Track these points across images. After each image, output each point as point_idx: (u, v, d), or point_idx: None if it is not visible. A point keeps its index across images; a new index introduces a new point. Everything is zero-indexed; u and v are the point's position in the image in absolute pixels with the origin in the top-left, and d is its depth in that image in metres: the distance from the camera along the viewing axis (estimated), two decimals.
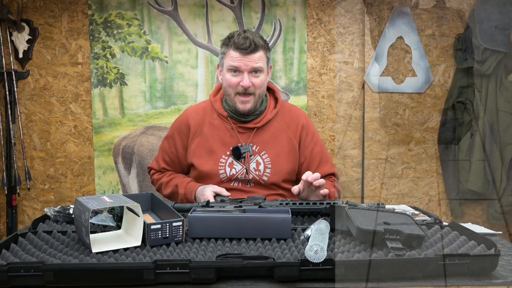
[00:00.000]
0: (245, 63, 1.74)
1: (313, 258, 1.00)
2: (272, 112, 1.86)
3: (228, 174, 1.82)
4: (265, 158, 1.84)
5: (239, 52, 1.73)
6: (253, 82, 1.75)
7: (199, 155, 1.84)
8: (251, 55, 1.74)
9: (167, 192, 1.90)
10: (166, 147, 1.95)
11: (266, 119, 1.84)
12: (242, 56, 1.73)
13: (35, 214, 2.55)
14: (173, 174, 1.94)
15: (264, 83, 1.82)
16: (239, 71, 1.75)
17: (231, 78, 1.77)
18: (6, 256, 1.08)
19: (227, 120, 1.84)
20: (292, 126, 1.87)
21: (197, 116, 1.89)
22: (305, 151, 1.88)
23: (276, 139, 1.85)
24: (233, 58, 1.75)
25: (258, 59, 1.75)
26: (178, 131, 1.92)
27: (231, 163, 1.82)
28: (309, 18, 2.49)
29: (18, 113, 2.47)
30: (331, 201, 1.51)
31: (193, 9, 2.48)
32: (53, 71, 2.49)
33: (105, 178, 2.53)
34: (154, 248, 1.15)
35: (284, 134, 1.86)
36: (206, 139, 1.84)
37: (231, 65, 1.75)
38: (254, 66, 1.74)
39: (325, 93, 2.52)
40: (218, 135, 1.84)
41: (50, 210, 1.46)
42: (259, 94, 1.79)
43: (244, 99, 1.76)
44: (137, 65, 2.48)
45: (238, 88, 1.76)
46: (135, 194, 1.43)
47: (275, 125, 1.86)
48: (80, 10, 2.46)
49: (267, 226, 1.22)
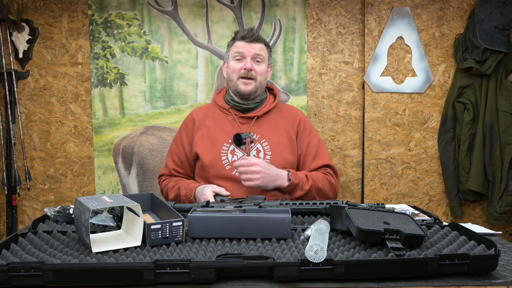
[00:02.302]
0: (248, 50, 1.92)
1: (313, 258, 1.00)
2: (272, 104, 1.99)
3: (229, 161, 1.89)
4: (265, 146, 1.91)
5: (244, 41, 1.93)
6: (255, 68, 1.92)
7: (202, 144, 1.94)
8: (254, 44, 1.93)
9: (172, 196, 1.92)
10: (174, 148, 2.03)
11: (266, 109, 1.97)
12: (246, 43, 1.93)
13: (35, 214, 2.55)
14: (179, 179, 1.96)
15: (265, 73, 1.98)
16: (243, 57, 1.92)
17: (235, 64, 1.94)
18: (6, 256, 1.08)
19: (229, 113, 1.97)
20: (290, 119, 1.99)
21: (201, 113, 2.02)
22: (301, 144, 1.96)
23: (275, 129, 1.95)
24: (238, 47, 1.94)
25: (260, 48, 1.95)
26: (185, 129, 2.02)
27: (233, 151, 1.90)
28: (309, 18, 2.49)
29: (18, 113, 2.47)
30: (331, 201, 1.51)
31: (193, 9, 2.48)
32: (53, 71, 2.49)
33: (105, 178, 2.53)
34: (154, 248, 1.15)
35: (282, 126, 1.97)
36: (209, 131, 1.95)
37: (235, 52, 1.94)
38: (257, 53, 1.92)
39: (325, 93, 2.52)
40: (220, 126, 1.96)
41: (50, 210, 1.46)
42: (260, 81, 1.94)
43: (246, 81, 1.92)
44: (137, 65, 2.49)
45: (241, 72, 1.92)
46: (135, 194, 1.43)
47: (274, 117, 1.98)
48: (80, 10, 2.46)
49: (267, 226, 1.22)
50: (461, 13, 2.47)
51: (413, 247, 1.12)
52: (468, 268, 1.03)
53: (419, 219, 1.45)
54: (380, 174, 2.52)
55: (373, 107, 2.49)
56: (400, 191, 2.54)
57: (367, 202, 2.18)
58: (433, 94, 2.50)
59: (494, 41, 2.32)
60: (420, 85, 2.49)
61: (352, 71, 2.52)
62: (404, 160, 2.52)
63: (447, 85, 2.50)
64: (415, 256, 1.06)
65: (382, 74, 2.48)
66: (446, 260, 1.03)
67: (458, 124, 2.47)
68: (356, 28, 2.51)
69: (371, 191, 2.53)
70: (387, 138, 2.51)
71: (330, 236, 1.24)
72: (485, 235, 1.32)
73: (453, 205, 2.49)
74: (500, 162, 2.39)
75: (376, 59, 2.47)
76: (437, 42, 2.48)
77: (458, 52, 2.44)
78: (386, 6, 2.46)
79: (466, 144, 2.44)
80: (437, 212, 2.56)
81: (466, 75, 2.44)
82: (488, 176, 2.42)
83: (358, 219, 1.15)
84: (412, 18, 2.46)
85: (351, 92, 2.53)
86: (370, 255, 1.07)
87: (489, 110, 2.40)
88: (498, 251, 1.06)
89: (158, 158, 2.52)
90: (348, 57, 2.52)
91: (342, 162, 2.55)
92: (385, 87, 2.48)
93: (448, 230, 1.29)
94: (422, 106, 2.50)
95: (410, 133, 2.51)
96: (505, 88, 2.40)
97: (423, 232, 1.14)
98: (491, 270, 1.05)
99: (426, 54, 2.48)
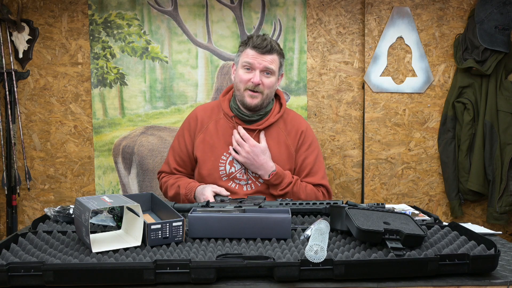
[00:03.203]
0: (259, 61, 1.83)
1: (313, 258, 1.00)
2: (276, 116, 1.93)
3: (227, 172, 1.87)
4: None
5: (255, 50, 1.83)
6: (263, 81, 1.84)
7: (202, 150, 1.91)
8: (266, 56, 1.83)
9: (171, 194, 1.91)
10: (176, 146, 2.00)
11: (269, 122, 1.90)
12: (257, 54, 1.83)
13: (35, 214, 2.55)
14: (179, 177, 1.95)
15: (273, 85, 1.90)
16: (252, 69, 1.84)
17: (243, 74, 1.86)
18: (6, 256, 1.08)
19: (232, 120, 1.91)
20: (292, 132, 1.93)
21: (205, 114, 1.97)
22: (298, 158, 1.93)
23: (276, 143, 1.91)
24: (248, 56, 1.84)
25: (271, 60, 1.85)
26: (188, 127, 1.98)
27: (231, 161, 1.88)
28: (309, 18, 2.49)
29: (18, 113, 2.47)
30: (331, 201, 1.51)
31: (193, 9, 2.48)
32: (53, 71, 2.49)
33: (105, 178, 2.53)
34: (154, 248, 1.15)
35: (283, 140, 1.92)
36: (210, 136, 1.91)
37: (245, 61, 1.85)
38: (267, 66, 1.83)
39: (325, 93, 2.52)
40: (222, 133, 1.91)
41: (50, 210, 1.46)
42: (267, 94, 1.87)
43: (253, 94, 1.84)
44: (137, 65, 2.48)
45: (248, 84, 1.84)
46: (135, 194, 1.43)
47: (276, 130, 1.93)
48: (80, 10, 2.46)
49: (267, 226, 1.22)
50: (461, 13, 2.47)
51: (413, 247, 1.12)
52: (468, 268, 1.03)
53: (419, 219, 1.45)
54: (380, 174, 2.52)
55: (373, 107, 2.49)
56: (400, 191, 2.54)
57: (367, 202, 2.18)
58: (433, 94, 2.50)
59: (494, 41, 2.32)
60: (420, 85, 2.49)
61: (352, 71, 2.52)
62: (404, 160, 2.52)
63: (447, 85, 2.50)
64: (415, 256, 1.06)
65: (382, 74, 2.48)
66: (446, 260, 1.03)
67: (458, 124, 2.47)
68: (356, 28, 2.51)
69: (371, 191, 2.53)
70: (387, 138, 2.51)
71: (330, 236, 1.24)
72: (485, 235, 1.32)
73: (453, 205, 2.49)
74: (500, 162, 2.39)
75: (376, 59, 2.47)
76: (437, 42, 2.48)
77: (458, 52, 2.44)
78: (386, 6, 2.46)
79: (466, 144, 2.44)
80: (437, 212, 2.56)
81: (466, 75, 2.43)
82: (488, 176, 2.42)
83: (358, 219, 1.15)
84: (412, 18, 2.46)
85: (351, 92, 2.53)
86: (370, 255, 1.07)
87: (489, 110, 2.40)
88: (498, 251, 1.06)
89: (158, 158, 2.52)
90: (348, 57, 2.52)
91: (342, 162, 2.55)
92: (385, 87, 2.48)
93: (448, 230, 1.29)
94: (422, 106, 2.50)
95: (410, 133, 2.51)
96: (505, 88, 2.40)
97: (423, 232, 1.14)
98: (491, 270, 1.05)
99: (426, 54, 2.48)
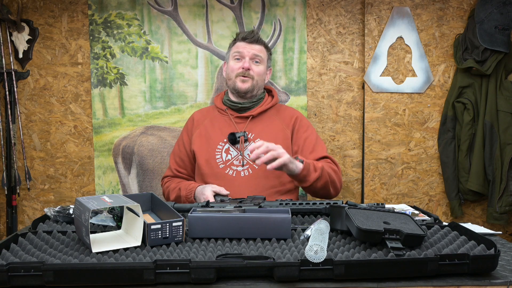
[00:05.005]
0: (248, 50, 1.99)
1: (313, 258, 1.00)
2: (268, 104, 2.04)
3: (224, 159, 1.94)
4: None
5: (244, 41, 2.00)
6: (252, 68, 1.99)
7: (199, 143, 2.00)
8: (254, 45, 2.00)
9: (173, 197, 1.94)
10: (176, 149, 2.10)
11: (261, 109, 2.02)
12: (246, 44, 2.00)
13: (35, 214, 2.55)
14: (180, 181, 1.99)
15: (263, 74, 2.04)
16: (242, 57, 1.99)
17: (234, 64, 2.01)
18: (6, 256, 1.08)
19: (226, 113, 2.03)
20: (286, 118, 2.03)
21: (201, 114, 2.11)
22: (298, 139, 1.98)
23: (270, 128, 1.99)
24: (238, 46, 2.01)
25: (260, 49, 2.01)
26: (185, 130, 2.10)
27: (227, 149, 1.96)
28: (309, 18, 2.49)
29: (18, 113, 2.47)
30: (331, 201, 1.51)
31: (193, 9, 2.48)
32: (53, 71, 2.49)
33: (105, 178, 2.53)
34: (154, 248, 1.15)
35: (277, 125, 2.00)
36: (205, 129, 2.02)
37: (235, 51, 2.01)
38: (256, 53, 1.99)
39: (325, 93, 2.52)
40: (217, 125, 2.02)
41: (50, 210, 1.46)
42: (257, 81, 2.00)
43: (244, 78, 1.97)
44: (137, 65, 2.48)
45: (239, 71, 1.98)
46: (135, 194, 1.43)
47: (269, 117, 2.03)
48: (80, 10, 2.46)
49: (267, 226, 1.22)
50: (461, 13, 2.47)
51: (413, 247, 1.12)
52: (468, 268, 1.03)
53: (419, 219, 1.46)
54: (380, 174, 2.52)
55: (373, 107, 2.49)
56: (400, 191, 2.54)
57: (367, 202, 2.18)
58: (433, 94, 2.50)
59: (494, 41, 2.32)
60: (420, 85, 2.49)
61: (352, 71, 2.52)
62: (404, 160, 2.52)
63: (447, 85, 2.50)
64: (415, 256, 1.06)
65: (382, 74, 2.48)
66: (446, 260, 1.03)
67: (458, 124, 2.47)
68: (356, 28, 2.51)
69: (371, 191, 2.53)
70: (387, 138, 2.51)
71: (330, 236, 1.24)
72: (485, 235, 1.32)
73: (453, 205, 2.49)
74: (500, 162, 2.39)
75: (376, 59, 2.47)
76: (437, 42, 2.48)
77: (458, 52, 2.44)
78: (386, 6, 2.46)
79: (466, 144, 2.44)
80: (437, 212, 2.56)
81: (466, 75, 2.43)
82: (488, 176, 2.42)
83: (358, 219, 1.15)
84: (412, 18, 2.46)
85: (351, 92, 2.52)
86: (370, 255, 1.07)
87: (489, 110, 2.40)
88: (498, 251, 1.06)
89: (158, 158, 2.52)
90: (348, 57, 2.52)
91: (342, 162, 2.55)
92: (385, 87, 2.48)
93: (448, 230, 1.29)
94: (422, 106, 2.50)
95: (410, 133, 2.51)
96: (505, 88, 2.40)
97: (423, 232, 1.14)
98: (491, 270, 1.05)
99: (426, 54, 2.48)
